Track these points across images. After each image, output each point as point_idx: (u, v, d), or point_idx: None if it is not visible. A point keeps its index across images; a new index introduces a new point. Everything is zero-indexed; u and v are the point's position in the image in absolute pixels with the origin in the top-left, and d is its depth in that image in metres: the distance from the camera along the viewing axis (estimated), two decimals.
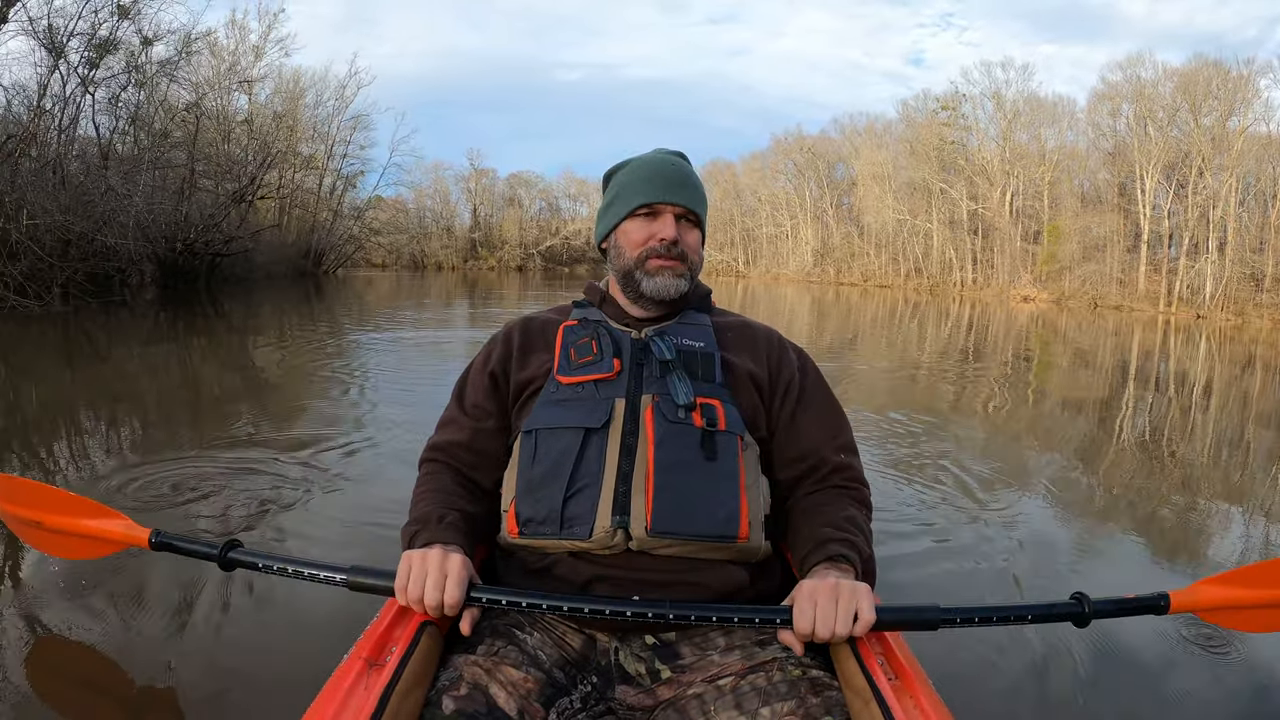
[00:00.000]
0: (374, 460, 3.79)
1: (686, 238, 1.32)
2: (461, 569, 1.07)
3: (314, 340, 9.64)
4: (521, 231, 58.06)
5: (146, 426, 4.64)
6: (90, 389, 5.85)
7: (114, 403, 5.30)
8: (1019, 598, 2.43)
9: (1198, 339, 15.16)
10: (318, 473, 3.48)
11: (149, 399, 5.60)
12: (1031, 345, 12.72)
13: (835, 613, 1.02)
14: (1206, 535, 3.34)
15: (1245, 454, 5.08)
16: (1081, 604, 1.11)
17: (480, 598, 1.07)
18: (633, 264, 1.31)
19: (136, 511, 2.83)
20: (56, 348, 8.13)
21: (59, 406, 5.15)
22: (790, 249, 44.57)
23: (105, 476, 3.35)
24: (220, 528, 2.79)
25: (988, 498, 3.54)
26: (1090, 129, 28.92)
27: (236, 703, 1.67)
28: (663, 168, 1.34)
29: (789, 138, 45.19)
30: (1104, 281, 26.28)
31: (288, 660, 1.84)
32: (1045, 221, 29.91)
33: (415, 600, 1.05)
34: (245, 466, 3.52)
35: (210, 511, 2.93)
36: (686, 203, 1.32)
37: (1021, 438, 5.22)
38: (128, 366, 7.11)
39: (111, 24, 13.66)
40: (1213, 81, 23.93)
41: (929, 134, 34.34)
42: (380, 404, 5.24)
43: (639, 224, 1.32)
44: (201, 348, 8.74)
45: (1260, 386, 8.72)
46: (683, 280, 1.31)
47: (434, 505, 1.20)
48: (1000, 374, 8.51)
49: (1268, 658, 2.02)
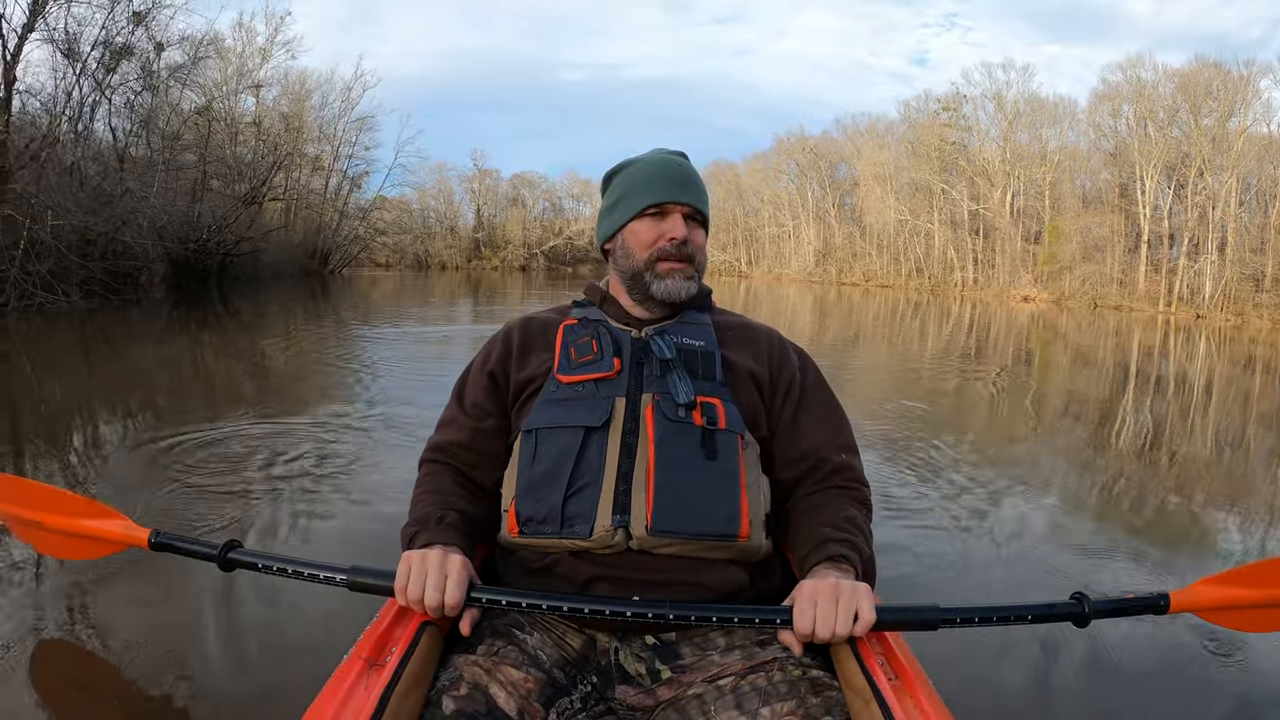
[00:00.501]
0: (378, 454, 3.81)
1: (694, 237, 1.31)
2: (461, 569, 1.06)
3: (320, 335, 10.02)
4: (525, 231, 58.00)
5: (159, 417, 4.77)
6: (110, 382, 6.14)
7: (130, 394, 5.58)
8: (1020, 598, 2.43)
9: (1197, 339, 15.14)
10: (323, 466, 3.50)
11: (163, 391, 5.84)
12: (1032, 344, 12.77)
13: (835, 613, 1.01)
14: (1206, 533, 3.34)
15: (1243, 452, 5.07)
16: (1081, 604, 1.10)
17: (480, 598, 1.06)
18: (642, 266, 1.30)
19: (141, 504, 2.87)
20: (78, 342, 8.73)
21: (81, 396, 5.43)
22: (792, 249, 44.50)
23: (116, 464, 3.39)
24: (223, 520, 2.80)
25: (986, 494, 3.54)
26: (1091, 129, 28.86)
27: (237, 703, 1.67)
28: (667, 168, 1.33)
29: (791, 138, 45.15)
30: (1104, 282, 26.21)
31: (288, 660, 1.84)
32: (1046, 222, 29.83)
33: (415, 601, 1.04)
34: (253, 459, 3.56)
35: (210, 507, 2.93)
36: (693, 202, 1.31)
37: (1021, 436, 5.22)
38: (143, 362, 7.46)
39: (127, 31, 14.11)
40: (1213, 82, 23.85)
41: (930, 135, 34.27)
42: (384, 400, 5.30)
43: (647, 224, 1.31)
44: (214, 343, 9.13)
45: (1261, 386, 8.71)
46: (692, 282, 1.30)
47: (433, 506, 1.20)
48: (1000, 373, 8.53)
49: (1270, 661, 2.01)
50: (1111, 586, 2.59)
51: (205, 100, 18.64)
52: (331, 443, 3.97)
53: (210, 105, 18.91)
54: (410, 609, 1.07)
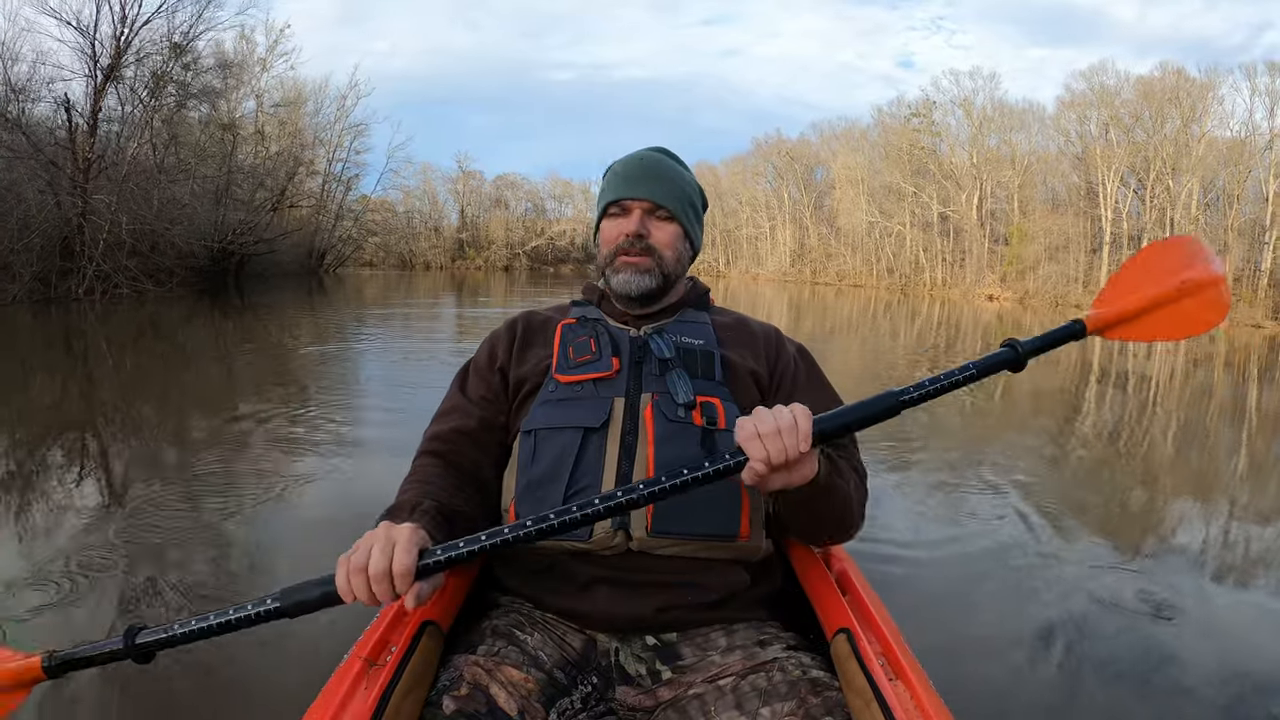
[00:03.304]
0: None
1: (655, 231, 1.25)
2: (410, 535, 0.88)
3: (335, 324, 11.93)
4: (508, 232, 57.64)
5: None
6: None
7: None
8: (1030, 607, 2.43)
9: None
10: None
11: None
12: (992, 338, 13.19)
13: (778, 426, 0.91)
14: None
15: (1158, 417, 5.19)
16: (1015, 348, 1.07)
17: (437, 558, 0.88)
18: (604, 262, 1.28)
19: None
20: (181, 319, 11.62)
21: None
22: (769, 249, 44.65)
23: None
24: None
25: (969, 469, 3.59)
26: (1057, 134, 29.22)
27: (237, 703, 1.62)
28: (634, 164, 1.29)
29: (768, 141, 45.23)
30: (1066, 282, 26.60)
31: (287, 660, 1.80)
32: (1014, 224, 30.15)
33: (359, 580, 0.86)
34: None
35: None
36: (652, 196, 1.25)
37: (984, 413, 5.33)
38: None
39: (167, 59, 16.42)
40: (1179, 89, 24.21)
41: (901, 139, 34.52)
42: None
43: (611, 222, 1.28)
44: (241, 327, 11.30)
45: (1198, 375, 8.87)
46: (647, 277, 1.24)
47: (410, 495, 1.09)
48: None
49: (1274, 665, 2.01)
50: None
51: (230, 117, 20.86)
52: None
53: (234, 122, 21.06)
54: (401, 608, 0.97)
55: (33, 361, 7.18)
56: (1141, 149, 24.93)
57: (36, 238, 12.48)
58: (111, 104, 15.33)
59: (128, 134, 15.59)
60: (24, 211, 12.37)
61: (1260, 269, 21.83)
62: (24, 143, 12.98)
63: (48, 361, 7.19)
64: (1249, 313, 20.71)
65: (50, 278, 12.88)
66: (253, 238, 21.10)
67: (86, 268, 13.44)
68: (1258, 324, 19.72)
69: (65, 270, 13.22)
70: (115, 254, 13.92)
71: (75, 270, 13.31)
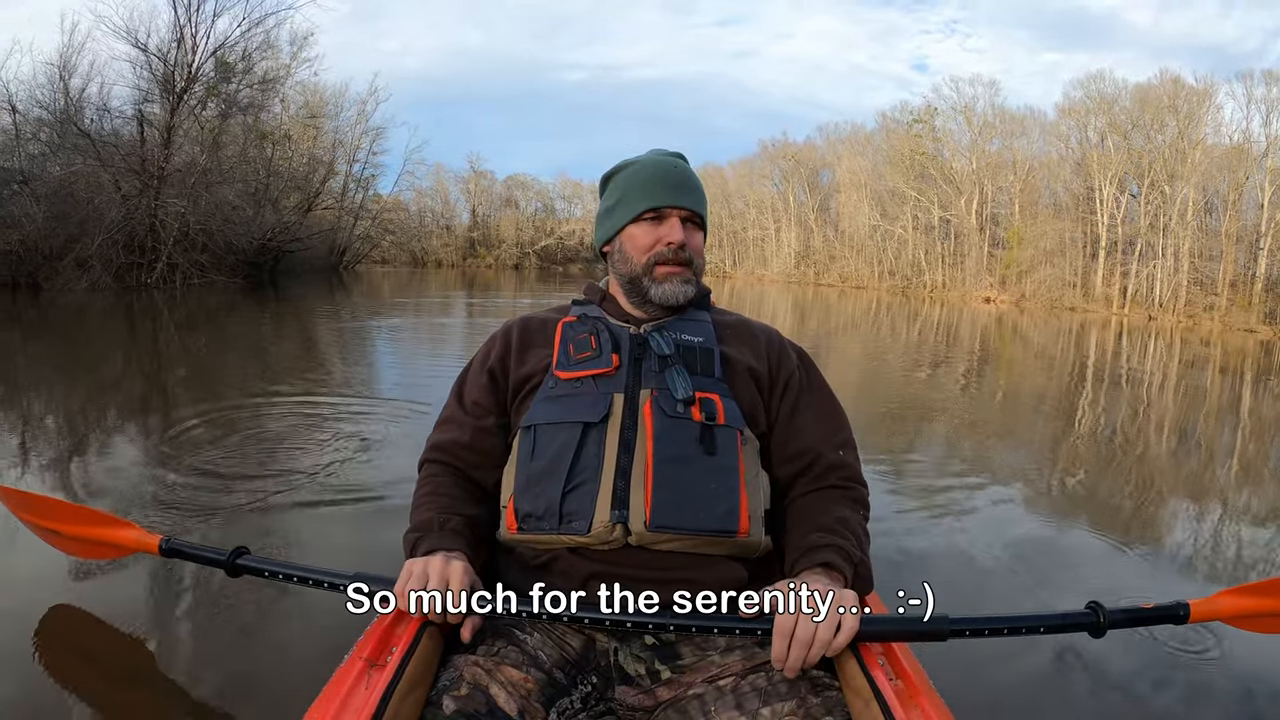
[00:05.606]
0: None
1: (691, 241, 1.25)
2: (463, 576, 1.01)
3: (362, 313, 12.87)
4: (518, 231, 57.57)
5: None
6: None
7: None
8: (1027, 604, 2.38)
9: (1147, 338, 15.42)
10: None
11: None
12: (989, 336, 13.36)
13: (813, 631, 0.93)
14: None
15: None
16: (1096, 613, 1.02)
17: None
18: (640, 270, 1.24)
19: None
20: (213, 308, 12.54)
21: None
22: (774, 251, 44.50)
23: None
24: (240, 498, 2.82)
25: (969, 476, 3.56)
26: (1057, 141, 29.05)
27: (237, 703, 1.60)
28: (666, 170, 1.26)
29: (775, 144, 45.05)
30: (1062, 285, 26.50)
31: (288, 660, 1.77)
32: (1014, 228, 29.98)
33: (416, 612, 1.00)
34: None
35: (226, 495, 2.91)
36: (691, 205, 1.25)
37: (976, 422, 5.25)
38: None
39: (213, 76, 18.10)
40: (1176, 96, 24.02)
41: (904, 144, 34.36)
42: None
43: (645, 228, 1.24)
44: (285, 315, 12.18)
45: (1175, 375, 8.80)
46: (690, 286, 1.24)
47: (434, 510, 1.13)
48: (966, 362, 8.69)
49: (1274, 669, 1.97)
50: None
51: (269, 125, 22.51)
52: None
53: (272, 131, 22.62)
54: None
55: (164, 333, 9.06)
56: (1138, 155, 24.76)
57: (119, 234, 14.61)
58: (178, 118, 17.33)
59: (189, 143, 17.54)
60: (96, 211, 14.22)
61: (1255, 275, 21.70)
62: (110, 153, 15.08)
63: (184, 334, 9.09)
64: (1243, 318, 20.62)
65: (120, 270, 14.69)
66: (288, 236, 22.82)
67: (158, 261, 15.49)
68: (1251, 329, 19.62)
69: (133, 264, 15.20)
70: (186, 249, 16.08)
71: (146, 264, 15.38)
